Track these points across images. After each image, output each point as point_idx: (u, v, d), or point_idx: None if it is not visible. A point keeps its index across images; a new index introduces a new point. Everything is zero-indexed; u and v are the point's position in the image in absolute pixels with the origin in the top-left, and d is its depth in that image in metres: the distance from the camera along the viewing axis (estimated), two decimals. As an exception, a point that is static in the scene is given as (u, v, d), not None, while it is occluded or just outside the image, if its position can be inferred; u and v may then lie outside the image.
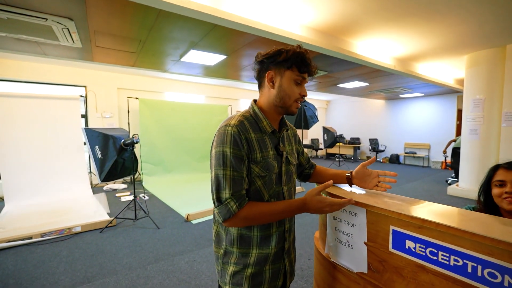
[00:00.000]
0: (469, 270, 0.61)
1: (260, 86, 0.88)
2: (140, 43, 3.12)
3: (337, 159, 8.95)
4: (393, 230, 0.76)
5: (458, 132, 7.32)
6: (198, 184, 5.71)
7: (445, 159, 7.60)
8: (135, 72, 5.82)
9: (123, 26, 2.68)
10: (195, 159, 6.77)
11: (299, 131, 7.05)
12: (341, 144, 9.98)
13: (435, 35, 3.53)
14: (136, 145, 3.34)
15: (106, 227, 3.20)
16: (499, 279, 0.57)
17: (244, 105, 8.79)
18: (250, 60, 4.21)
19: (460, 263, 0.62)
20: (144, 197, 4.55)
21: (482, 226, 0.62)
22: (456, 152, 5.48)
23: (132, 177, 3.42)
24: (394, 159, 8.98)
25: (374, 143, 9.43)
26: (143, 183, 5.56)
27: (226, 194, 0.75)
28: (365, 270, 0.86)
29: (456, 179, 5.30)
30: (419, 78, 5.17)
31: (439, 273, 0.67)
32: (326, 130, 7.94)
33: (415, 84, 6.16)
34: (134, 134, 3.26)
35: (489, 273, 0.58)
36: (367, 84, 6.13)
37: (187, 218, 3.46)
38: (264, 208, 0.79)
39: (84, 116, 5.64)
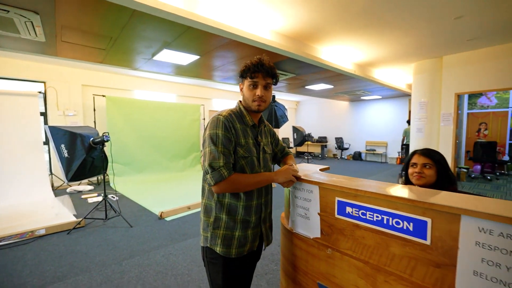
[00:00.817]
0: (385, 222, 0.86)
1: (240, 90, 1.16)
2: (111, 41, 3.08)
3: (306, 157, 9.44)
4: (338, 200, 1.00)
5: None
6: (170, 183, 5.67)
7: (399, 155, 8.49)
8: (101, 69, 5.58)
9: (93, 22, 2.65)
10: (167, 158, 6.68)
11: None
12: (309, 142, 10.55)
13: (386, 45, 4.03)
14: (106, 143, 3.28)
15: (74, 228, 3.10)
16: (401, 225, 0.82)
17: (216, 104, 8.83)
18: (223, 61, 4.34)
19: (380, 218, 0.87)
20: (114, 197, 4.43)
21: (393, 191, 0.87)
22: (407, 149, 6.20)
23: (102, 177, 3.35)
24: (357, 156, 9.76)
25: (339, 141, 10.13)
26: (111, 184, 5.36)
27: (220, 163, 0.97)
28: (319, 235, 1.08)
29: (407, 172, 6.01)
30: (376, 82, 5.76)
31: (368, 227, 0.91)
32: (295, 129, 8.36)
33: (373, 88, 6.81)
34: (104, 132, 3.20)
35: (395, 222, 0.83)
36: (332, 86, 6.63)
37: (160, 215, 3.49)
38: (245, 176, 1.03)
39: (44, 114, 5.25)
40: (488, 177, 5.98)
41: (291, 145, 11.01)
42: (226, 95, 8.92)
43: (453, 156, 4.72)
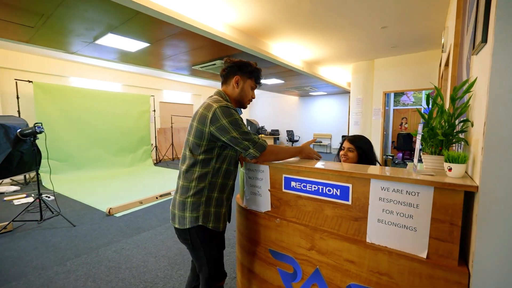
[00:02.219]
0: (320, 191, 1.07)
1: (226, 82, 1.22)
2: (42, 18, 2.70)
3: (260, 149, 9.80)
4: (285, 177, 1.18)
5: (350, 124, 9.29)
6: (118, 180, 5.28)
7: (341, 146, 9.46)
8: (28, 50, 4.78)
9: (19, -5, 2.29)
10: (112, 153, 6.16)
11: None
12: (262, 135, 10.95)
13: (329, 46, 4.48)
14: (39, 135, 2.91)
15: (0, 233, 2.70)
16: (332, 192, 1.03)
17: (168, 96, 8.42)
18: (175, 50, 4.20)
19: (316, 188, 1.08)
20: (49, 197, 3.94)
21: (325, 166, 1.08)
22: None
23: (36, 173, 2.96)
24: (306, 148, 10.56)
25: (290, 134, 10.79)
26: (44, 183, 4.72)
27: (256, 138, 1.11)
28: (269, 208, 1.25)
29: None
30: (321, 79, 6.33)
31: (308, 197, 1.11)
32: (249, 122, 8.58)
33: (319, 84, 7.45)
34: (36, 123, 2.83)
35: (328, 190, 1.04)
36: (283, 81, 7.02)
37: (109, 212, 3.28)
38: (277, 147, 1.18)
39: None
40: (407, 163, 7.22)
41: (246, 138, 11.24)
42: (178, 86, 8.58)
43: (381, 145, 5.56)
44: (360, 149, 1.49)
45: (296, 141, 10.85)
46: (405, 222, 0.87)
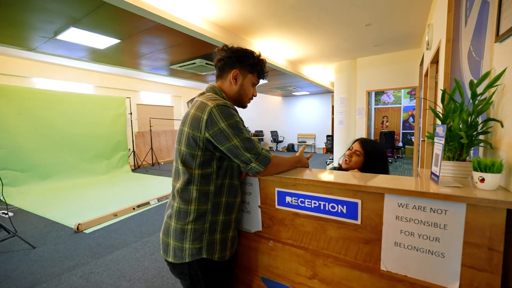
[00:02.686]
0: (322, 207, 0.88)
1: (222, 77, 1.00)
2: (-13, 8, 2.32)
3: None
4: (278, 191, 0.98)
5: (333, 124, 9.36)
6: (91, 189, 4.84)
7: (325, 145, 9.52)
8: (-23, 47, 4.23)
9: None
10: (84, 160, 5.67)
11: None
12: (247, 137, 10.74)
13: (313, 44, 4.38)
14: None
15: None
16: (336, 209, 0.86)
17: (145, 97, 7.97)
18: (150, 48, 3.89)
19: (317, 204, 0.89)
20: (6, 214, 3.48)
21: (327, 178, 0.90)
22: (332, 139, 6.98)
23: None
24: (291, 148, 10.50)
25: (274, 135, 10.68)
26: (1, 197, 4.19)
27: (259, 148, 0.90)
28: (260, 228, 1.06)
29: (333, 160, 6.79)
30: (305, 78, 6.25)
31: (306, 215, 0.92)
32: (233, 124, 8.35)
33: (302, 84, 7.39)
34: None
35: (331, 206, 0.86)
36: (266, 81, 6.86)
37: (77, 228, 2.93)
38: (281, 157, 0.99)
39: None
40: (390, 160, 7.35)
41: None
42: (156, 88, 8.15)
43: (366, 144, 5.56)
44: (370, 155, 1.32)
45: (281, 141, 10.76)
46: (429, 246, 0.71)
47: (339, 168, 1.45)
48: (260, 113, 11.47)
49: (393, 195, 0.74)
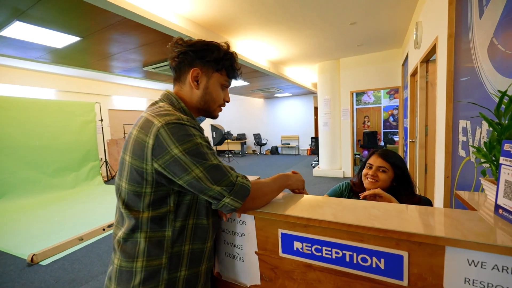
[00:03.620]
0: (347, 259, 0.63)
1: (179, 79, 0.75)
2: None
3: (227, 155, 9.26)
4: (282, 233, 0.71)
5: (316, 125, 9.32)
6: (54, 208, 4.26)
7: (310, 147, 9.46)
8: None
9: None
10: (46, 174, 5.05)
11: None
12: (229, 140, 10.42)
13: (296, 44, 4.19)
14: None
15: None
16: (369, 262, 0.60)
17: (118, 102, 7.38)
18: (120, 47, 3.47)
19: (340, 254, 0.63)
20: None
21: (352, 214, 0.65)
22: (316, 141, 6.87)
23: None
24: (274, 151, 10.33)
25: (257, 137, 10.45)
26: None
27: (232, 176, 0.65)
28: (259, 282, 0.78)
29: (318, 162, 6.67)
30: (287, 80, 6.08)
31: (324, 268, 0.66)
32: (214, 128, 8.00)
33: (285, 85, 7.23)
34: None
35: (362, 258, 0.61)
36: (248, 83, 6.61)
37: (31, 260, 2.46)
38: (263, 181, 0.74)
39: None
40: (373, 160, 7.40)
41: (211, 144, 10.59)
42: (130, 91, 7.59)
43: (351, 145, 5.49)
44: (398, 168, 1.09)
45: (264, 144, 10.55)
46: (521, 326, 0.47)
47: (355, 185, 1.21)
48: (242, 116, 11.19)
49: (459, 249, 0.50)
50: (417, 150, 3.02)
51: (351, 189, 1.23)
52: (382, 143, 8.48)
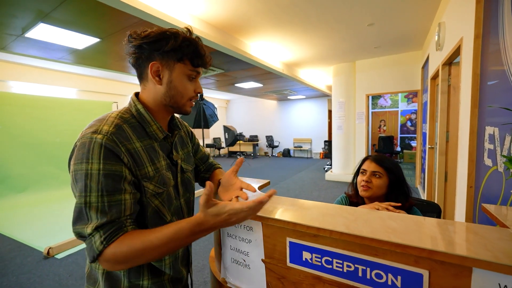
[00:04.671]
0: (360, 274, 0.58)
1: (141, 77, 0.68)
2: None
3: (238, 157, 9.27)
4: (290, 242, 0.68)
5: (330, 129, 9.15)
6: (69, 202, 4.42)
7: (323, 150, 9.30)
8: None
9: None
10: (65, 170, 5.21)
11: (199, 131, 6.71)
12: (241, 142, 10.45)
13: (311, 46, 4.13)
14: None
15: None
16: (384, 279, 0.55)
17: (134, 102, 7.60)
18: (135, 48, 3.56)
19: (352, 268, 0.59)
20: (-31, 234, 3.06)
21: (367, 226, 0.60)
22: (329, 144, 6.74)
23: None
24: (286, 153, 10.23)
25: (269, 139, 10.40)
26: (-31, 214, 3.77)
27: (87, 228, 0.53)
28: (264, 291, 0.74)
29: (331, 166, 6.53)
30: (301, 82, 6.01)
31: (334, 281, 0.62)
32: (226, 129, 8.04)
33: (298, 87, 7.15)
34: None
35: (376, 274, 0.56)
36: (261, 85, 6.60)
37: (47, 253, 2.54)
38: (139, 240, 0.53)
39: None
40: (389, 166, 7.15)
41: (223, 145, 10.66)
42: (146, 92, 7.77)
43: (366, 150, 5.33)
44: (391, 173, 1.04)
45: (276, 146, 10.48)
46: None
47: (351, 197, 1.15)
48: (255, 118, 11.19)
49: (489, 272, 0.45)
50: (436, 157, 2.87)
51: (350, 203, 1.16)
52: (398, 148, 8.20)
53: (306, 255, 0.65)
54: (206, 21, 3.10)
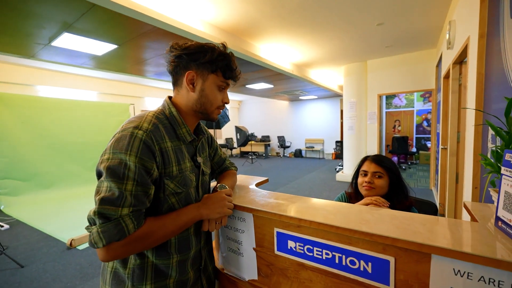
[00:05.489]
0: (337, 261, 0.64)
1: (176, 84, 0.76)
2: (-26, 14, 2.21)
3: (250, 157, 9.37)
4: (277, 232, 0.75)
5: (342, 129, 9.04)
6: (90, 199, 4.70)
7: (334, 151, 9.20)
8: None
9: None
10: (86, 168, 5.57)
11: (210, 131, 6.93)
12: (253, 142, 10.54)
13: (320, 46, 4.14)
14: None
15: None
16: (357, 265, 0.61)
17: (150, 104, 7.91)
18: (151, 53, 3.75)
19: (330, 255, 0.65)
20: (2, 226, 3.36)
21: (343, 218, 0.66)
22: (341, 145, 6.67)
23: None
24: (298, 154, 10.21)
25: (281, 140, 10.42)
26: (2, 207, 4.12)
27: (123, 210, 0.59)
28: (256, 277, 0.82)
29: (342, 167, 6.47)
30: (312, 82, 6.01)
31: (316, 268, 0.68)
32: (238, 130, 8.16)
33: (310, 88, 7.14)
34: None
35: (350, 261, 0.62)
36: (272, 86, 6.66)
37: (70, 244, 2.75)
38: (161, 224, 0.65)
39: None
40: (403, 167, 6.96)
41: (235, 145, 10.80)
42: (161, 93, 8.08)
43: (378, 151, 5.25)
44: (391, 172, 1.07)
45: (288, 147, 10.49)
46: None
47: (351, 197, 1.19)
48: (266, 118, 11.25)
49: (445, 258, 0.50)
50: (448, 158, 2.81)
51: (349, 201, 1.20)
52: (414, 149, 7.96)
53: (291, 244, 0.72)
54: (216, 26, 3.21)
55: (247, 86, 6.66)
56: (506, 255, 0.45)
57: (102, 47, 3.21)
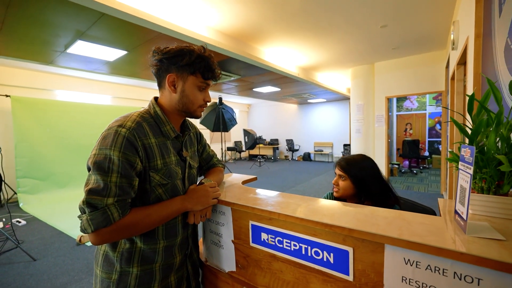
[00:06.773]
0: (303, 252, 0.67)
1: (160, 85, 0.82)
2: (-3, 24, 2.40)
3: (258, 160, 9.41)
4: (252, 224, 0.79)
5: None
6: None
7: (343, 154, 9.06)
8: (4, 63, 4.53)
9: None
10: (99, 169, 5.80)
11: (218, 134, 6.96)
12: (261, 145, 10.58)
13: (325, 49, 4.15)
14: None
15: None
16: (321, 256, 0.64)
17: (161, 107, 8.13)
18: (159, 58, 3.90)
19: (297, 247, 0.68)
20: (19, 222, 3.56)
21: (311, 211, 0.69)
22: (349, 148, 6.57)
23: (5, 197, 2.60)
24: (307, 157, 10.14)
25: (290, 143, 10.40)
26: (21, 204, 4.36)
27: (108, 200, 0.65)
28: (234, 268, 0.86)
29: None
30: (319, 85, 6.00)
31: (285, 259, 0.72)
32: (246, 133, 8.23)
33: (318, 91, 7.12)
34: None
35: (315, 252, 0.65)
36: (279, 89, 6.69)
37: (79, 240, 2.89)
38: (146, 214, 0.71)
39: None
40: (414, 171, 6.77)
41: (243, 148, 10.88)
42: (171, 97, 8.28)
43: (386, 154, 5.15)
44: (352, 175, 1.09)
45: (296, 150, 10.45)
46: (453, 329, 0.47)
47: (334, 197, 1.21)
48: (275, 121, 11.28)
49: (396, 248, 0.52)
50: (455, 161, 2.73)
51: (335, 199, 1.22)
52: (426, 153, 7.72)
53: (264, 236, 0.76)
54: (220, 31, 3.31)
55: (254, 89, 6.74)
56: (449, 244, 0.46)
57: (113, 53, 3.38)
